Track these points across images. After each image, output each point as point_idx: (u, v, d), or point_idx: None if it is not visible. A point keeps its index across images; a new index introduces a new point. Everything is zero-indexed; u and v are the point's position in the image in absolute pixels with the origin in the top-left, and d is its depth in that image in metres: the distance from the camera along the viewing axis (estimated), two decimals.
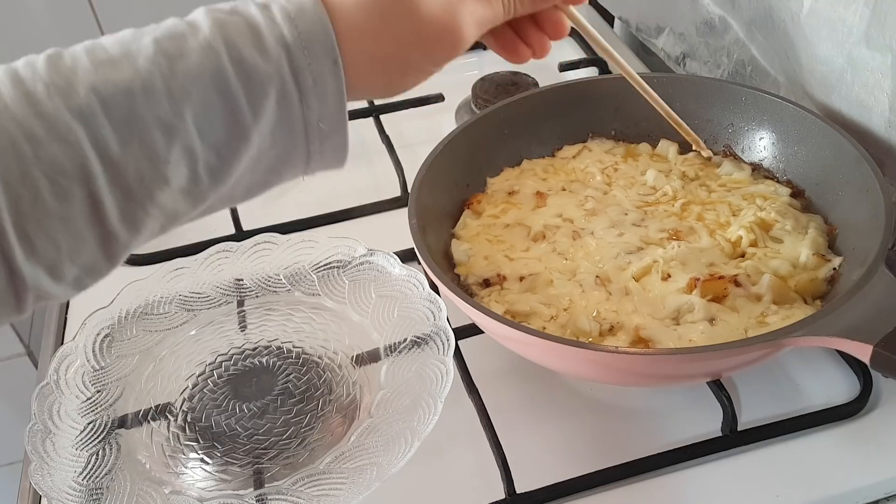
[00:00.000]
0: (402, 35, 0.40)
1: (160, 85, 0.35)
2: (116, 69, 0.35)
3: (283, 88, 0.37)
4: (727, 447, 0.61)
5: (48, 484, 0.58)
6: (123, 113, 0.35)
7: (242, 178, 0.39)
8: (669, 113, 0.67)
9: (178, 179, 0.37)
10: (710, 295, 0.62)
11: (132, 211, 0.36)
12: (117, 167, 0.35)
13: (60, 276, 0.36)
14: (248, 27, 0.37)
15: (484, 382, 0.64)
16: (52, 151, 0.33)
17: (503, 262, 0.68)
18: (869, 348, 0.50)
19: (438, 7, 0.41)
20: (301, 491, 0.57)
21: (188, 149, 0.36)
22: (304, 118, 0.39)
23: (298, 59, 0.37)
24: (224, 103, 0.36)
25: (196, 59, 0.36)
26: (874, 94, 0.64)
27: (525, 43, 0.48)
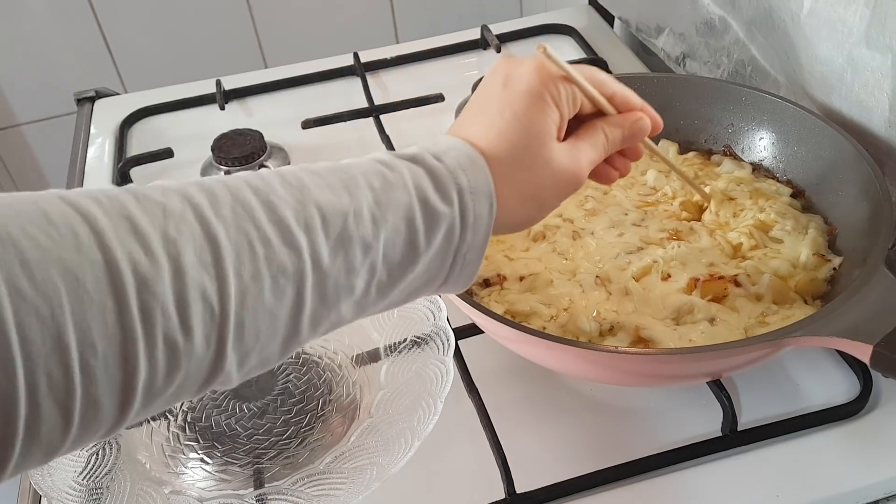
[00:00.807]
0: (540, 182, 0.49)
1: (367, 212, 0.42)
2: (335, 194, 0.42)
3: (451, 225, 0.45)
4: (727, 447, 0.61)
5: (48, 484, 0.58)
6: (338, 230, 0.41)
7: (394, 297, 0.45)
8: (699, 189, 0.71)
9: (358, 291, 0.42)
10: (710, 295, 0.62)
11: (320, 314, 0.41)
12: (324, 275, 0.40)
13: (245, 364, 0.39)
14: (430, 174, 0.45)
15: (484, 382, 0.64)
16: (280, 255, 0.39)
17: (503, 262, 0.68)
18: (869, 348, 0.50)
19: (566, 157, 0.50)
20: (301, 491, 0.57)
21: (373, 265, 0.42)
22: (458, 249, 0.46)
23: (466, 202, 0.45)
24: (408, 232, 0.43)
25: (394, 194, 0.43)
26: (874, 94, 0.64)
27: (613, 167, 0.56)
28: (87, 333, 0.33)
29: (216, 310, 0.36)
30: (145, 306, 0.34)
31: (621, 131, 0.53)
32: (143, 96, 1.09)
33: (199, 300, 0.36)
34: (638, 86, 0.77)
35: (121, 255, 0.34)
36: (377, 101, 1.00)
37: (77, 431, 0.34)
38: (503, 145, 0.47)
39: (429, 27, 1.48)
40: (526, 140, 0.48)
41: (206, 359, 0.37)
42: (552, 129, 0.49)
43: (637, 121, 0.54)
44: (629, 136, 0.54)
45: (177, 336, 0.35)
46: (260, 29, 1.43)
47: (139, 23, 1.37)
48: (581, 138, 0.52)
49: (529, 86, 0.48)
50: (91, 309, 0.33)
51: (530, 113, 0.48)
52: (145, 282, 0.34)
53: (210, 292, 0.36)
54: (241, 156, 0.92)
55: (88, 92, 1.12)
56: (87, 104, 1.10)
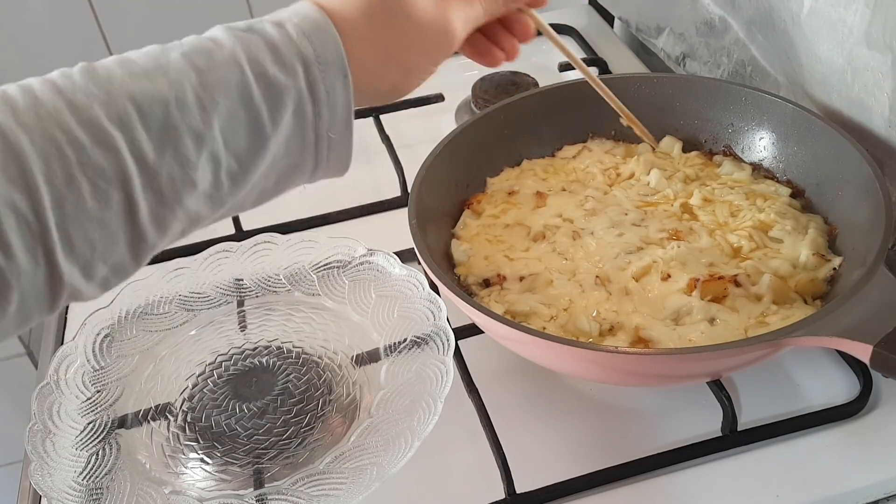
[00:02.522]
0: (402, 38, 0.44)
1: (192, 96, 0.38)
2: (151, 81, 0.38)
3: (299, 100, 0.41)
4: (727, 447, 0.61)
5: (48, 484, 0.58)
6: (159, 122, 0.37)
7: (256, 185, 0.42)
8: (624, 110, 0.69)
9: (204, 184, 0.39)
10: (710, 295, 0.62)
11: (162, 213, 0.39)
12: (152, 172, 0.37)
13: (92, 275, 0.38)
14: (268, 44, 0.40)
15: (484, 382, 0.64)
16: (94, 156, 0.36)
17: (503, 262, 0.68)
18: (869, 348, 0.50)
19: (431, 9, 0.44)
20: (301, 491, 0.57)
21: (214, 155, 0.39)
22: (316, 128, 0.42)
23: (314, 73, 0.41)
24: (248, 114, 0.39)
25: (223, 73, 0.39)
26: (874, 94, 0.64)
27: (498, 47, 0.52)
28: None
29: (32, 222, 0.35)
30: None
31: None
32: None
33: (10, 215, 0.34)
34: (638, 86, 0.79)
35: None
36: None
37: None
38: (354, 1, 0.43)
39: None
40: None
41: (38, 275, 0.36)
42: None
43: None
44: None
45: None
46: None
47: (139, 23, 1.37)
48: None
49: None
50: None
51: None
52: None
53: (21, 205, 0.34)
54: None
55: None
56: None
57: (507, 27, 0.52)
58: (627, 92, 0.79)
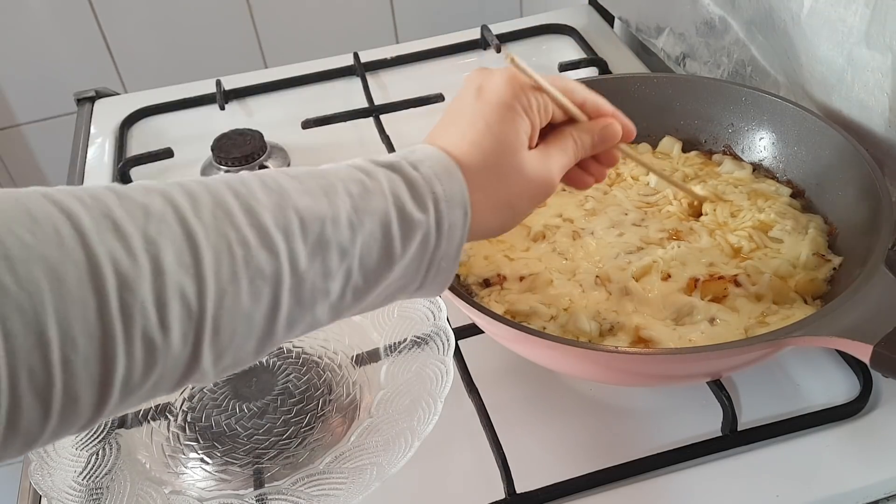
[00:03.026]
0: (513, 189, 0.50)
1: (345, 218, 0.43)
2: (314, 199, 0.42)
3: (427, 233, 0.46)
4: (727, 447, 0.61)
5: (48, 484, 0.58)
6: (315, 235, 0.42)
7: (370, 301, 0.46)
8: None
9: (334, 295, 0.43)
10: (710, 295, 0.62)
11: (296, 316, 0.42)
12: (301, 278, 0.41)
13: (220, 363, 0.40)
14: (408, 183, 0.46)
15: (484, 382, 0.64)
16: (258, 257, 0.39)
17: (503, 262, 0.68)
18: (869, 348, 0.50)
19: (537, 164, 0.51)
20: (301, 491, 0.57)
21: (349, 270, 0.43)
22: (433, 257, 0.47)
23: (442, 211, 0.46)
24: (384, 239, 0.44)
25: (372, 201, 0.44)
26: (874, 94, 0.64)
27: (588, 173, 0.58)
28: (68, 330, 0.33)
29: (194, 309, 0.37)
30: (125, 305, 0.35)
31: (591, 137, 0.55)
32: (143, 96, 1.09)
33: (177, 300, 0.36)
34: (638, 86, 0.79)
35: (102, 254, 0.35)
36: (377, 101, 1.00)
37: (55, 424, 0.35)
38: (476, 155, 0.49)
39: (429, 27, 1.48)
40: (498, 149, 0.49)
41: (182, 357, 0.38)
42: (523, 138, 0.50)
43: (606, 127, 0.55)
44: (599, 141, 0.55)
45: (155, 334, 0.36)
46: (260, 29, 1.43)
47: (139, 23, 1.37)
48: (551, 145, 0.53)
49: (501, 97, 0.49)
50: (73, 306, 0.34)
51: (502, 123, 0.49)
52: (126, 281, 0.35)
53: (189, 292, 0.37)
54: (241, 156, 0.92)
55: (88, 92, 1.11)
56: (87, 104, 1.10)
57: (597, 158, 0.58)
58: (627, 92, 0.79)
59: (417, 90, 0.98)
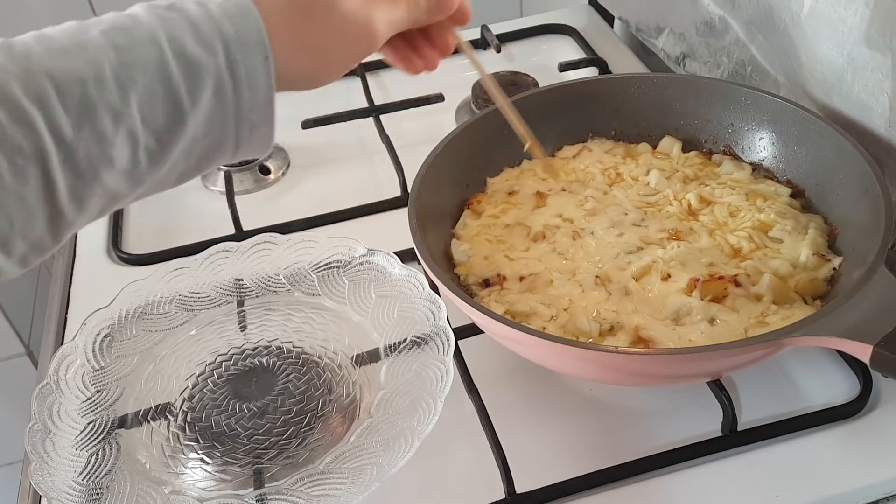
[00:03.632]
0: (324, 28, 0.45)
1: (110, 74, 0.38)
2: (69, 58, 0.38)
3: (219, 80, 0.41)
4: (727, 447, 0.61)
5: (48, 484, 0.58)
6: (77, 99, 0.38)
7: (177, 164, 0.43)
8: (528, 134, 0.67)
9: (122, 161, 0.40)
10: (710, 295, 0.62)
11: (80, 190, 0.39)
12: (70, 148, 0.38)
13: (11, 251, 0.38)
14: (189, 23, 0.40)
15: (484, 382, 0.64)
16: (11, 133, 0.36)
17: (503, 262, 0.68)
18: (869, 348, 0.50)
19: (356, 5, 0.46)
20: (301, 491, 0.57)
21: (132, 133, 0.39)
22: (237, 108, 0.43)
23: (234, 54, 0.41)
24: (166, 92, 0.40)
25: (142, 50, 0.39)
26: (874, 94, 0.64)
27: (418, 56, 0.54)
28: None
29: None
30: None
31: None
32: None
33: None
34: (638, 86, 0.79)
35: None
36: (377, 100, 1.00)
37: None
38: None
39: None
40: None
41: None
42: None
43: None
44: (434, 5, 0.51)
45: None
46: None
47: None
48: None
49: None
50: None
51: None
52: None
53: None
54: None
55: None
56: None
57: (429, 39, 0.54)
58: (627, 92, 0.79)
59: (417, 90, 0.98)
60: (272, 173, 0.95)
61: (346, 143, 0.97)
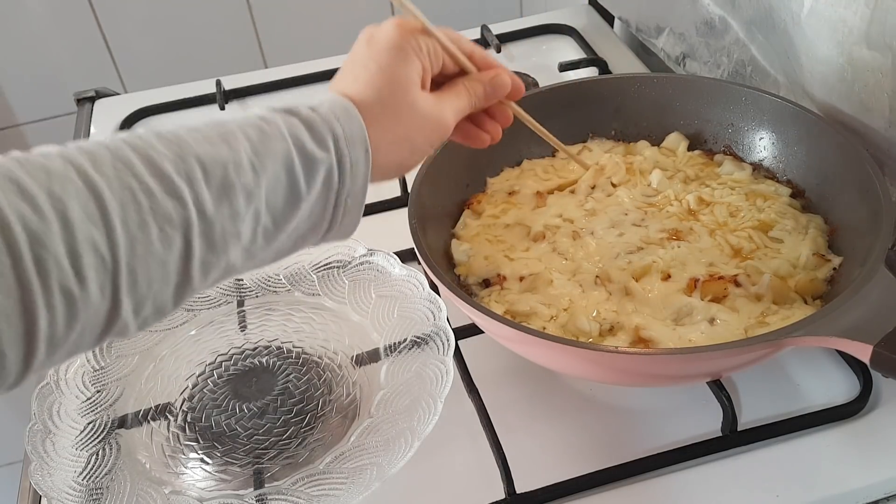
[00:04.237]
0: (408, 125, 0.53)
1: (246, 161, 0.45)
2: (213, 146, 0.44)
3: (329, 171, 0.48)
4: (727, 447, 0.61)
5: (48, 484, 0.58)
6: (219, 180, 0.43)
7: (282, 245, 0.48)
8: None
9: (245, 238, 0.45)
10: (710, 295, 0.62)
11: (209, 261, 0.44)
12: (210, 223, 0.43)
13: (140, 313, 0.42)
14: (305, 124, 0.48)
15: (484, 382, 0.64)
16: (164, 204, 0.41)
17: (503, 262, 0.68)
18: (869, 348, 0.50)
19: (430, 104, 0.54)
20: (301, 491, 0.57)
21: (257, 212, 0.45)
22: (338, 194, 0.49)
23: (343, 150, 0.48)
24: (288, 179, 0.46)
25: (272, 144, 0.46)
26: (874, 94, 0.64)
27: (483, 131, 0.62)
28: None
29: (107, 259, 0.39)
30: (39, 259, 0.37)
31: (482, 86, 0.58)
32: (143, 96, 1.09)
33: (89, 251, 0.38)
34: (638, 86, 0.79)
35: (10, 214, 0.37)
36: None
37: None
38: (371, 93, 0.52)
39: None
40: (391, 87, 0.52)
41: (102, 307, 0.40)
42: (415, 76, 0.53)
43: (496, 76, 0.58)
44: (490, 90, 0.58)
45: (72, 286, 0.38)
46: (260, 29, 1.43)
47: (139, 23, 1.37)
48: (444, 90, 0.57)
49: (390, 40, 0.53)
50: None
51: (393, 63, 0.52)
52: (36, 237, 0.37)
53: (100, 243, 0.39)
54: None
55: (88, 92, 1.11)
56: (87, 104, 1.10)
57: (491, 115, 0.62)
58: (627, 92, 0.79)
59: None
60: None
61: None
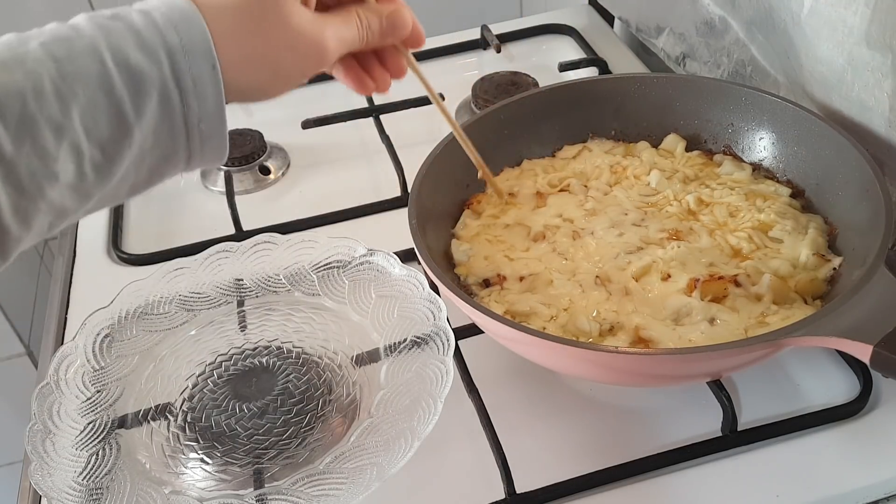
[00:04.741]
0: (274, 41, 0.44)
1: (49, 87, 0.38)
2: (7, 72, 0.37)
3: (164, 90, 0.40)
4: (727, 447, 0.61)
5: (48, 484, 0.58)
6: (16, 114, 0.37)
7: (127, 177, 0.42)
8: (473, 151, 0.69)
9: (66, 176, 0.39)
10: (710, 295, 0.62)
11: (24, 206, 0.38)
12: (10, 164, 0.37)
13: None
14: (132, 32, 0.40)
15: (484, 382, 0.64)
16: None
17: (503, 262, 0.68)
18: (869, 348, 0.50)
19: (307, 21, 0.45)
20: (301, 491, 0.57)
21: (75, 146, 0.39)
22: (185, 118, 0.42)
23: (180, 63, 0.41)
24: (109, 103, 0.39)
25: (82, 62, 0.39)
26: (874, 94, 0.64)
27: (370, 77, 0.54)
28: None
29: None
30: None
31: (377, 19, 0.50)
32: None
33: None
34: (638, 86, 0.79)
35: None
36: (377, 100, 1.00)
37: None
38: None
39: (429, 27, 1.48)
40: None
41: None
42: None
43: (395, 11, 0.51)
44: (387, 26, 0.51)
45: None
46: None
47: None
48: (332, 13, 0.48)
49: None
50: None
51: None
52: None
53: None
54: (241, 156, 0.92)
55: None
56: None
57: (381, 61, 0.54)
58: (627, 92, 0.79)
59: (417, 90, 0.97)
60: (272, 173, 0.95)
61: (347, 144, 0.97)
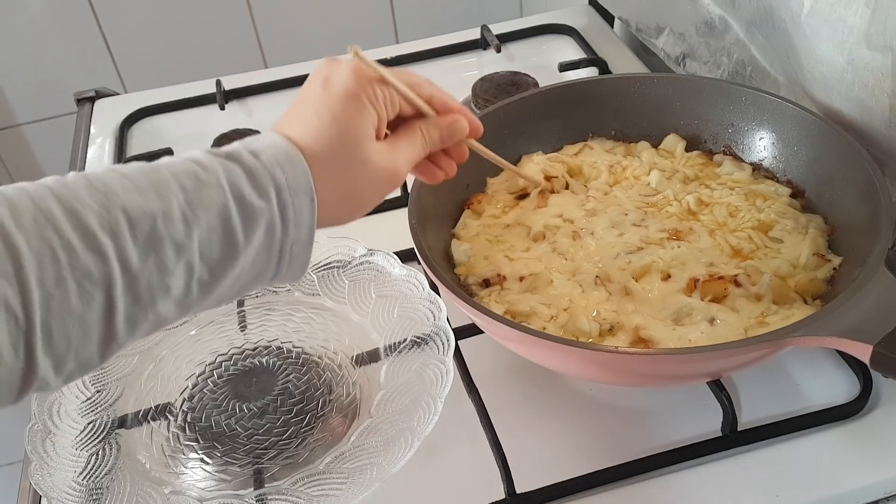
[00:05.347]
0: (359, 179, 0.51)
1: (177, 213, 0.43)
2: (143, 196, 0.42)
3: (271, 221, 0.46)
4: (727, 447, 0.61)
5: (48, 484, 0.58)
6: (146, 233, 0.42)
7: (222, 294, 0.47)
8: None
9: (177, 290, 0.43)
10: (710, 295, 0.62)
11: (135, 315, 0.42)
12: (134, 277, 0.41)
13: (62, 369, 0.41)
14: (246, 171, 0.46)
15: (484, 382, 0.64)
16: (84, 261, 0.40)
17: (503, 262, 0.68)
18: (869, 348, 0.50)
19: (384, 156, 0.52)
20: (301, 491, 0.57)
21: (189, 264, 0.43)
22: (282, 244, 0.47)
23: (285, 198, 0.47)
24: (224, 230, 0.44)
25: (206, 193, 0.44)
26: (874, 94, 0.64)
27: (438, 167, 0.60)
28: None
29: (20, 318, 0.38)
30: None
31: (438, 131, 0.56)
32: (143, 96, 1.09)
33: (1, 310, 0.37)
34: (638, 86, 0.79)
35: None
36: None
37: None
38: (322, 144, 0.49)
39: (429, 27, 1.48)
40: (343, 140, 0.50)
41: (16, 366, 0.38)
42: (369, 129, 0.51)
43: (454, 122, 0.56)
44: (447, 135, 0.57)
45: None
46: (260, 29, 1.43)
47: (139, 23, 1.37)
48: (399, 137, 0.54)
49: (346, 88, 0.50)
50: None
51: (347, 114, 0.50)
52: None
53: (12, 302, 0.38)
54: None
55: (88, 92, 1.12)
56: (87, 104, 1.10)
57: (447, 152, 0.59)
58: (627, 92, 0.79)
59: None
60: None
61: None
